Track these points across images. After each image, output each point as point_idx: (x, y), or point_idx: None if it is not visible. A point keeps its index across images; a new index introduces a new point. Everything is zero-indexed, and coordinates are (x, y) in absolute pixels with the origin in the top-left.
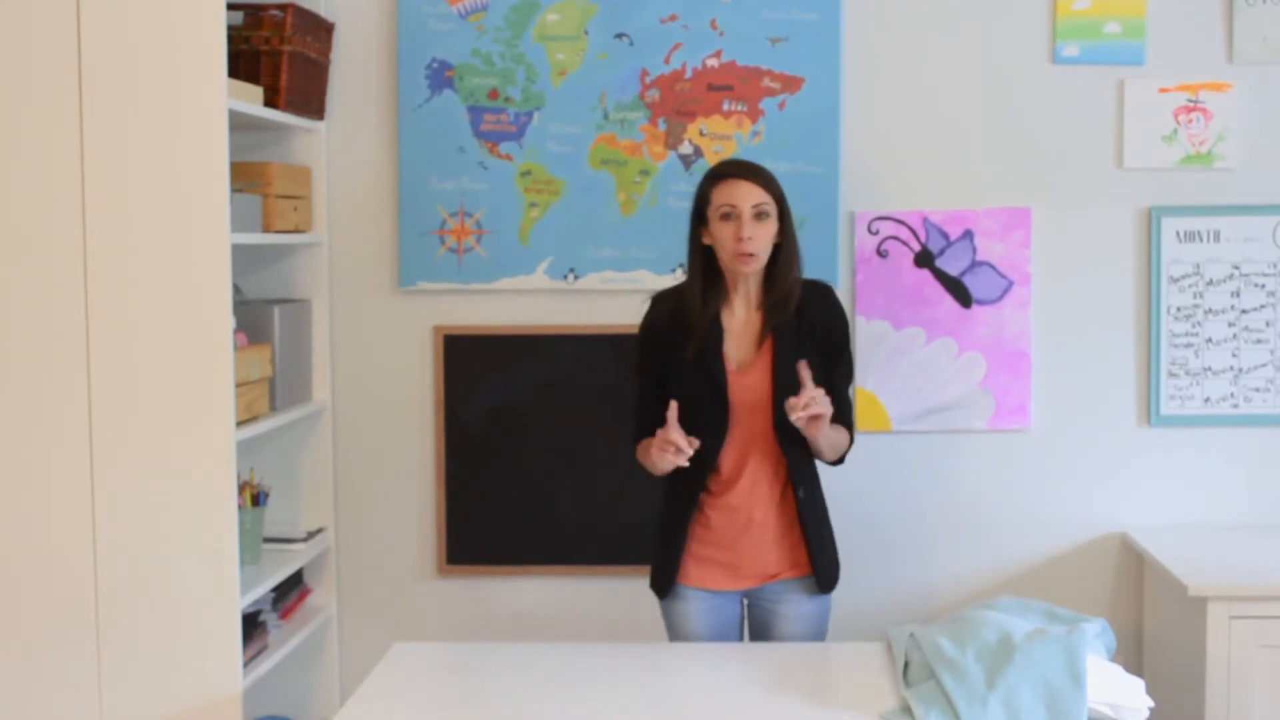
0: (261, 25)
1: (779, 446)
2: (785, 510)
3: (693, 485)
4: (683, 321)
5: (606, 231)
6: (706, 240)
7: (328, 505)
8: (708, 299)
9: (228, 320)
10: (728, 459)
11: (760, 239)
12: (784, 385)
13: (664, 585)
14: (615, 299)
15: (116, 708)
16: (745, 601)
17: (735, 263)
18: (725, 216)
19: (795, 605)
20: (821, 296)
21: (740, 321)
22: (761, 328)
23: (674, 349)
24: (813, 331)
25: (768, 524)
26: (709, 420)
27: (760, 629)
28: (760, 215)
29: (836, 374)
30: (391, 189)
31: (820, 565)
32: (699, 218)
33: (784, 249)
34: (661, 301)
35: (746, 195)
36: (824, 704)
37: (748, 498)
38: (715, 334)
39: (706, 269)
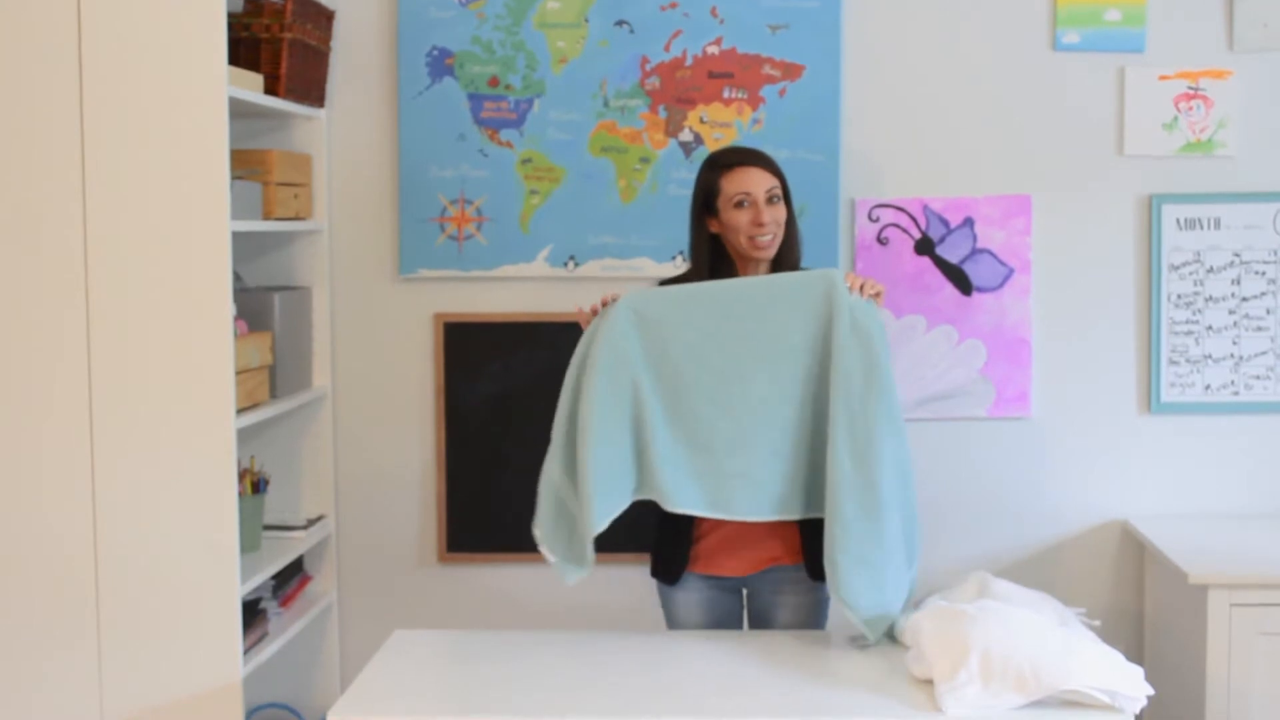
0: (262, 12)
1: None
2: None
3: None
4: None
5: (607, 219)
6: (715, 229)
7: (328, 493)
8: None
9: (228, 308)
10: None
11: (776, 222)
12: None
13: (674, 573)
14: (615, 286)
15: (117, 695)
16: (745, 591)
17: (752, 250)
18: (739, 205)
19: (794, 594)
20: None
21: None
22: None
23: None
24: None
25: None
26: None
27: (760, 618)
28: (772, 199)
29: None
30: (392, 176)
31: (814, 553)
32: (707, 207)
33: (789, 229)
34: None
35: (759, 182)
36: (826, 691)
37: None
38: None
39: (714, 256)
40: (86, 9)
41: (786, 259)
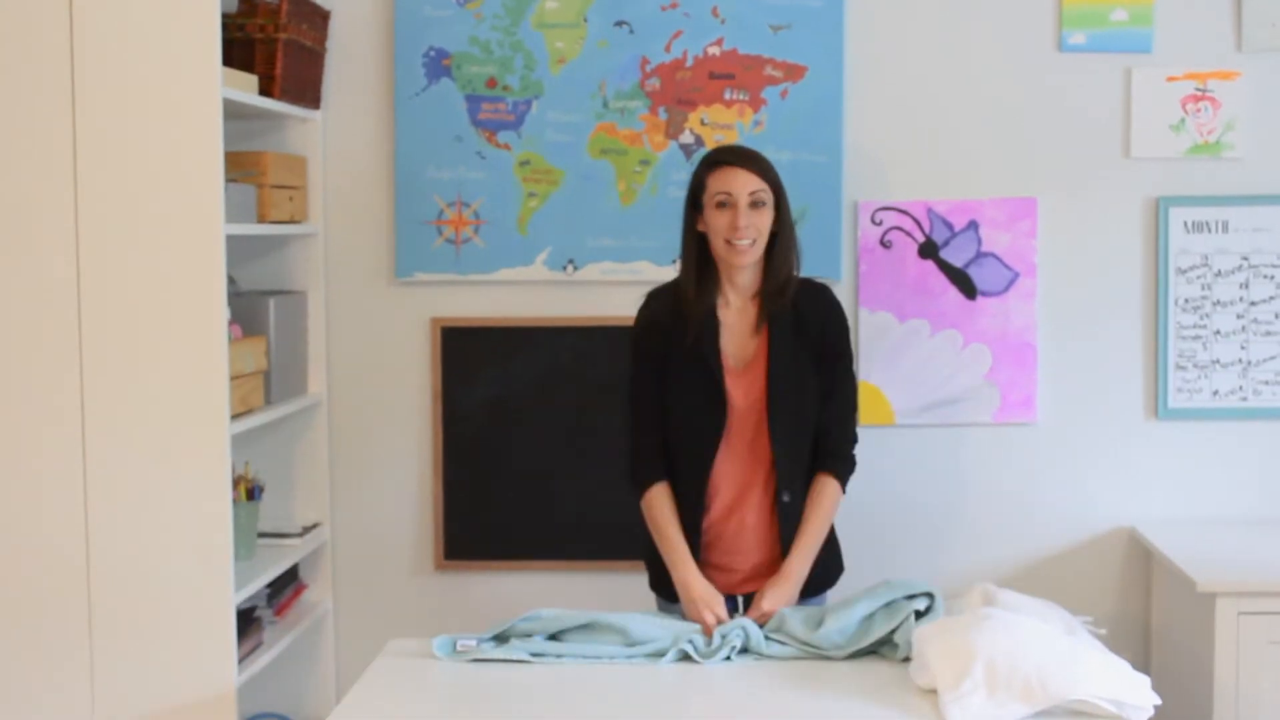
0: (256, 13)
1: (771, 450)
2: (777, 513)
3: (690, 485)
4: (680, 317)
5: (606, 222)
6: (701, 228)
7: (323, 499)
8: (702, 288)
9: (222, 312)
10: (723, 460)
11: (755, 228)
12: (778, 387)
13: (668, 592)
14: (615, 290)
15: (109, 704)
16: (740, 600)
17: (728, 254)
18: (720, 205)
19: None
20: (817, 295)
21: (735, 313)
22: (757, 319)
23: (673, 344)
24: (806, 330)
25: (760, 526)
26: (706, 419)
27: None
28: (756, 204)
29: (834, 375)
30: (388, 179)
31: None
32: (694, 204)
33: (781, 238)
34: (657, 297)
35: (743, 183)
36: (829, 700)
37: (742, 500)
38: (711, 327)
39: (701, 257)
40: (79, 10)
41: (780, 265)
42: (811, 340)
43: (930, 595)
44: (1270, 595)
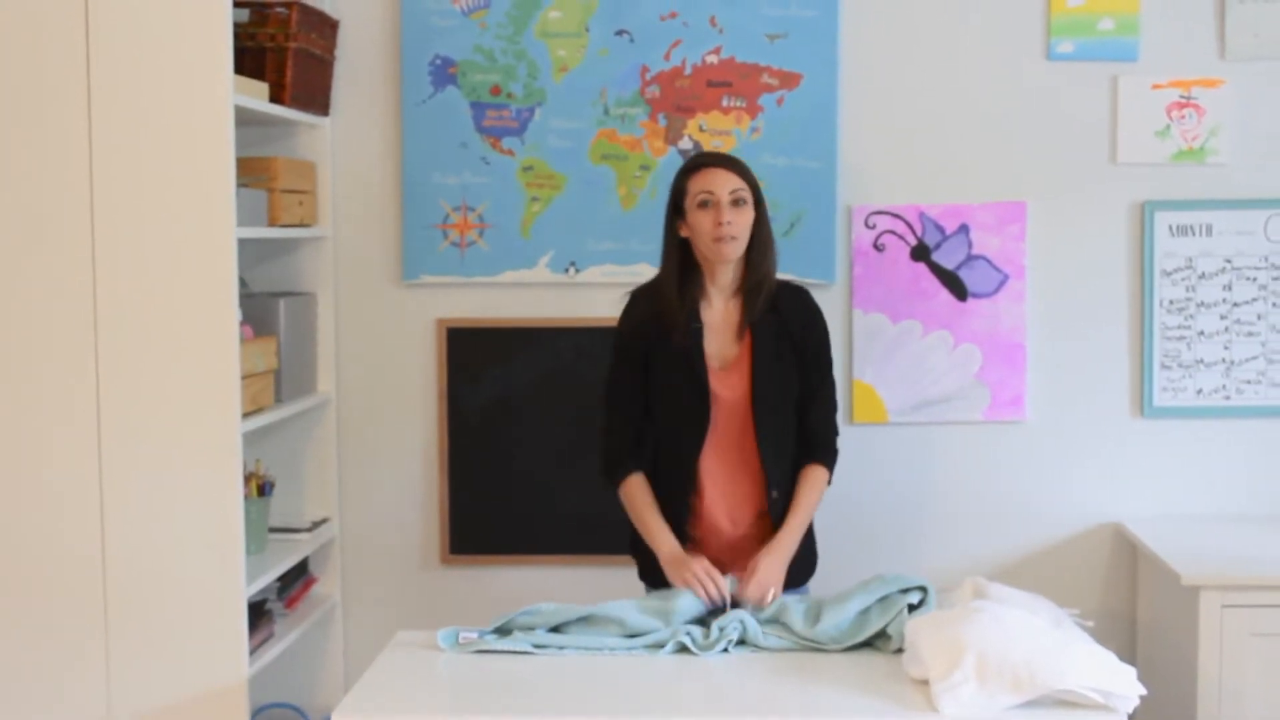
0: (267, 22)
1: (757, 447)
2: (763, 508)
3: (676, 484)
4: (663, 319)
5: (607, 225)
6: (684, 233)
7: (332, 495)
8: (684, 293)
9: (233, 313)
10: (709, 458)
11: (739, 224)
12: (762, 386)
13: (656, 580)
14: (616, 292)
15: (124, 695)
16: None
17: (715, 249)
18: (703, 205)
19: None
20: (798, 298)
21: (718, 315)
22: (740, 320)
23: (657, 346)
24: (789, 332)
25: (747, 520)
26: (691, 419)
27: None
28: (738, 201)
29: (818, 377)
30: (395, 183)
31: (795, 559)
32: (675, 210)
33: (759, 236)
34: (640, 298)
35: (723, 182)
36: (822, 691)
37: (728, 497)
38: (695, 330)
39: (683, 263)
40: (94, 19)
41: (759, 262)
42: (795, 342)
43: (923, 589)
44: (1252, 589)
